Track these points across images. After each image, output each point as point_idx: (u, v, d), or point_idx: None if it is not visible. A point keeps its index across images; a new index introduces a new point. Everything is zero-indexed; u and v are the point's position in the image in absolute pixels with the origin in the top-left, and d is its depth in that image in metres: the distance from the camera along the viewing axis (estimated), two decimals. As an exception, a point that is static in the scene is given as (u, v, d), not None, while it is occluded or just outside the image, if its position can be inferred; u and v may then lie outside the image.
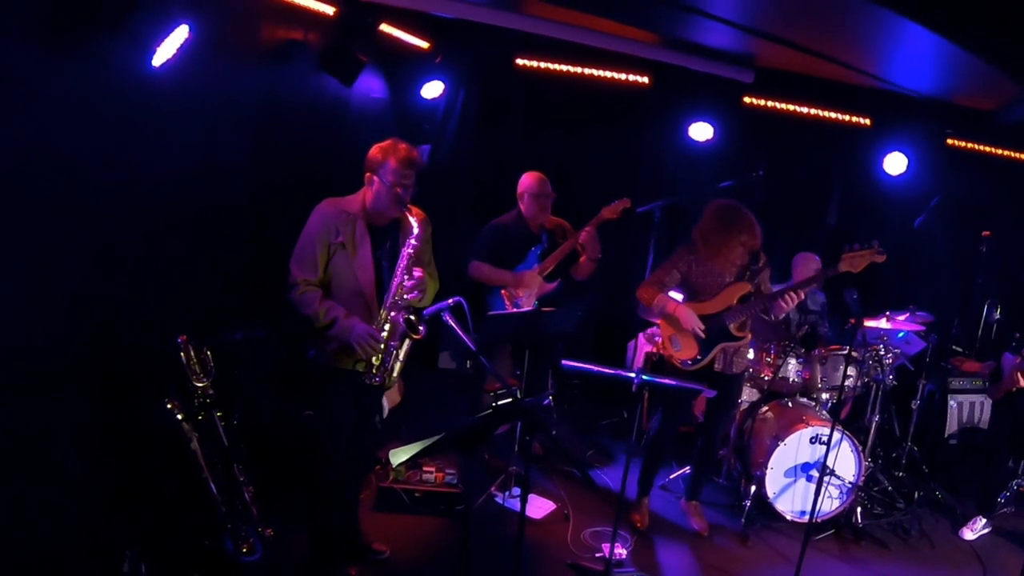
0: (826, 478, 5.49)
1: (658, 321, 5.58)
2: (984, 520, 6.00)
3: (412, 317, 4.15)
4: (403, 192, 4.17)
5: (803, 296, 5.24)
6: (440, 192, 7.86)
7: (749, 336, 5.47)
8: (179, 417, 4.19)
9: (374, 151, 4.20)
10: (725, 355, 5.42)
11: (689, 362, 5.40)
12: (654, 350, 6.78)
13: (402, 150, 4.17)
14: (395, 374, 4.36)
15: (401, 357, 4.32)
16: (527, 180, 6.17)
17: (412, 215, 4.19)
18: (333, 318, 4.11)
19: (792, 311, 6.68)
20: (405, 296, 4.15)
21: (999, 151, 7.93)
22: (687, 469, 6.29)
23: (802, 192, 8.35)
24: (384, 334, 4.16)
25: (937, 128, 7.74)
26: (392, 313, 4.16)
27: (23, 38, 3.53)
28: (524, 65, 7.82)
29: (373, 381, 4.24)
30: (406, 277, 4.15)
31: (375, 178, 4.17)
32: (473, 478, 5.81)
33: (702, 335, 5.27)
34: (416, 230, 4.17)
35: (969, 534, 5.95)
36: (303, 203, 4.27)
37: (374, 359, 4.19)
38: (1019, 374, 5.62)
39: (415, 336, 4.17)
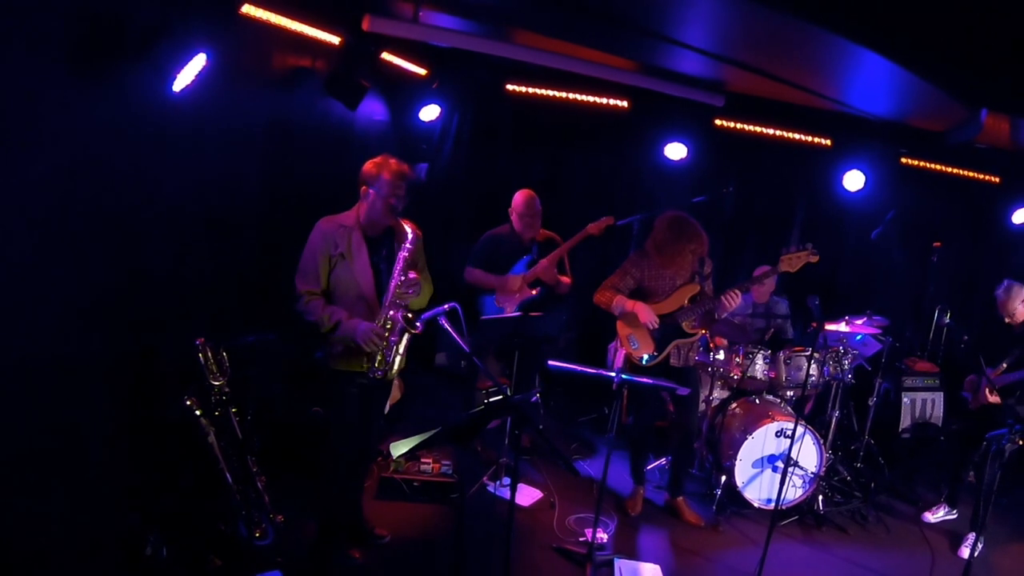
0: (790, 469, 5.54)
1: (617, 323, 5.63)
2: (946, 508, 6.08)
3: (410, 314, 4.19)
4: (396, 202, 4.22)
5: (739, 298, 5.33)
6: (436, 206, 7.90)
7: (700, 333, 5.54)
8: (197, 413, 4.22)
9: (368, 166, 4.26)
10: (679, 351, 5.50)
11: (647, 358, 5.46)
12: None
13: (393, 164, 4.23)
14: (396, 368, 4.39)
15: (401, 351, 4.36)
16: (517, 199, 6.23)
17: (406, 224, 4.25)
18: (337, 321, 4.16)
19: (757, 316, 6.79)
20: (403, 295, 4.19)
21: (949, 169, 8.02)
22: (662, 461, 6.34)
23: (768, 207, 8.42)
24: (386, 331, 4.20)
25: (892, 148, 7.83)
26: (391, 312, 4.19)
27: (55, 68, 3.57)
28: (514, 90, 7.88)
29: (376, 375, 4.27)
30: (403, 278, 4.19)
31: (370, 191, 4.22)
32: (467, 469, 5.85)
33: (656, 326, 5.34)
34: (411, 235, 4.22)
35: (931, 518, 6.04)
36: (310, 217, 4.32)
37: (377, 355, 4.24)
38: (987, 391, 5.69)
39: (413, 331, 4.19)
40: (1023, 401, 5.65)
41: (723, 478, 5.90)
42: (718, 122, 7.86)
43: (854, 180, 7.74)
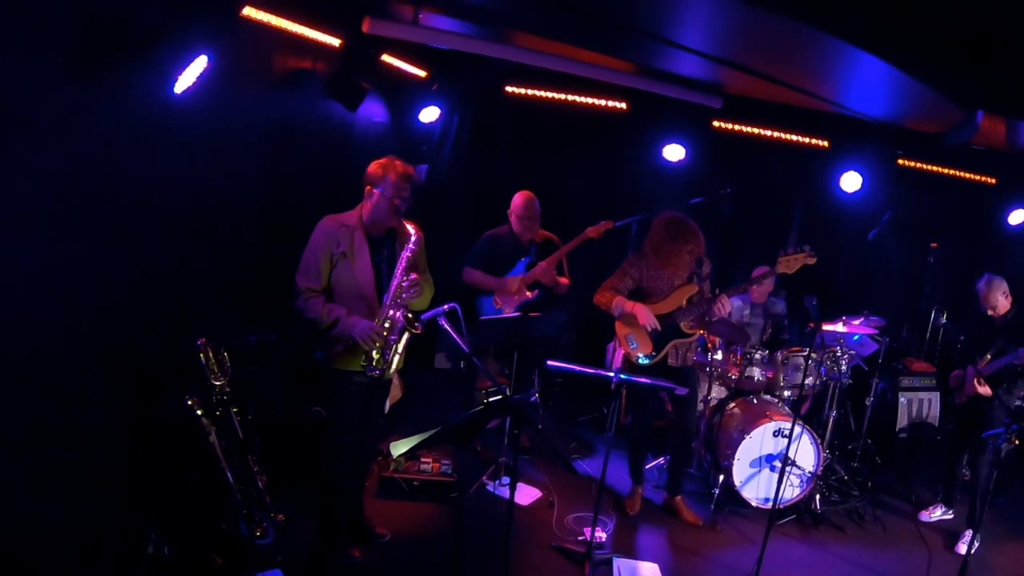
0: (788, 468, 5.53)
1: (615, 323, 5.62)
2: (943, 508, 6.09)
3: (410, 315, 4.18)
4: (401, 204, 4.21)
5: (730, 304, 5.33)
6: (436, 207, 7.88)
7: (699, 333, 5.54)
8: (199, 412, 4.21)
9: (374, 167, 4.25)
10: (677, 351, 5.49)
11: (645, 358, 5.45)
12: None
13: (399, 166, 4.23)
14: (393, 367, 4.37)
15: (400, 350, 4.33)
16: (516, 201, 6.21)
17: (409, 225, 4.24)
18: (336, 318, 4.15)
19: (755, 317, 6.79)
20: (404, 295, 4.18)
21: (945, 170, 8.02)
22: (660, 460, 6.33)
23: (766, 208, 8.42)
24: (385, 329, 4.18)
25: (889, 149, 7.84)
26: (391, 311, 4.18)
27: (56, 68, 3.56)
28: (513, 92, 7.88)
29: (373, 374, 4.24)
30: (404, 278, 4.18)
31: (375, 191, 4.21)
32: (466, 468, 5.85)
33: (658, 327, 5.33)
34: (415, 236, 4.22)
35: (928, 517, 6.05)
36: (311, 217, 4.32)
37: (374, 353, 4.21)
38: (975, 381, 5.70)
39: (414, 331, 4.16)
40: (1010, 391, 5.65)
41: (721, 477, 5.90)
42: (716, 124, 7.86)
43: (851, 181, 7.74)
